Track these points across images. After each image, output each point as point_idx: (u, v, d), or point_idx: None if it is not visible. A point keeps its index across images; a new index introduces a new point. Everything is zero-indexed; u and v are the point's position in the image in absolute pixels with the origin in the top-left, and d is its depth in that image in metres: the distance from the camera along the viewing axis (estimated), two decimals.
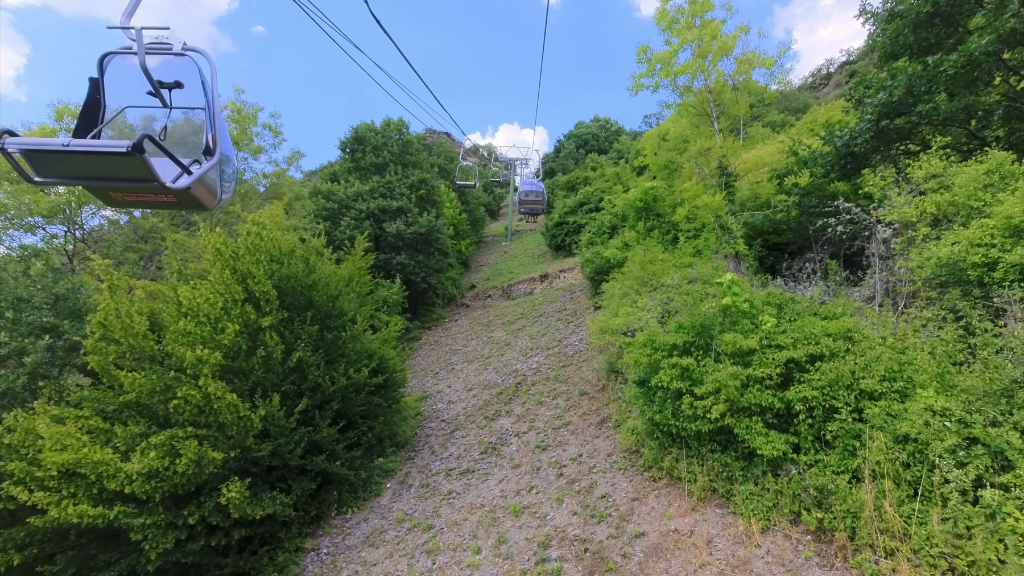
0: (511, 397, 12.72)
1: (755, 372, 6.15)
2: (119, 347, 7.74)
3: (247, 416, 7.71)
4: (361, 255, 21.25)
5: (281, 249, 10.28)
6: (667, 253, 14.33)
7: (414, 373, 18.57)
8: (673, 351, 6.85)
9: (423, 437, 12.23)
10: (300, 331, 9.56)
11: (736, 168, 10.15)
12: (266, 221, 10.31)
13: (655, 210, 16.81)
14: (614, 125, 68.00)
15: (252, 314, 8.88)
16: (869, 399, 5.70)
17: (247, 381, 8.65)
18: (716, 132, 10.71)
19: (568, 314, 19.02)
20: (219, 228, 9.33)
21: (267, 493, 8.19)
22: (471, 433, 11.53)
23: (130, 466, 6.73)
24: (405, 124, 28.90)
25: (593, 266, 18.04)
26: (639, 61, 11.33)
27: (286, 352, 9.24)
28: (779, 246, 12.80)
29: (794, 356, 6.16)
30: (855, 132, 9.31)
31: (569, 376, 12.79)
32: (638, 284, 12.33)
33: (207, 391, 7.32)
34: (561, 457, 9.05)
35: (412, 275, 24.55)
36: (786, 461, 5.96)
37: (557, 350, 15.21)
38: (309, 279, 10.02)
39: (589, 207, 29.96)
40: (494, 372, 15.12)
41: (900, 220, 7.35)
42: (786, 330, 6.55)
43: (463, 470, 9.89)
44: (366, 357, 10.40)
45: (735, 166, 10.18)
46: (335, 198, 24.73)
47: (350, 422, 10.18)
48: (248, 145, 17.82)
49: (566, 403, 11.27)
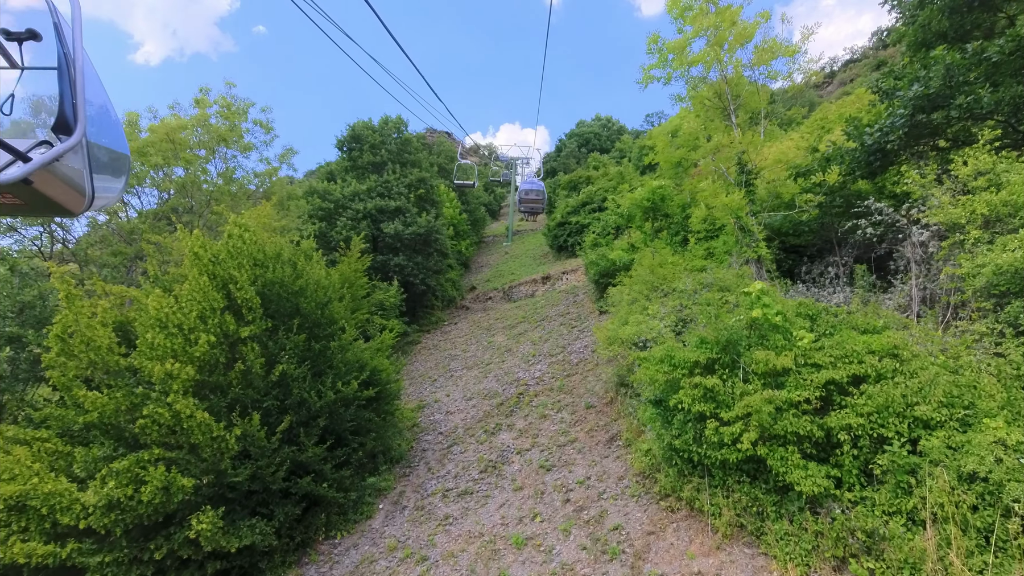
0: (512, 409, 12.00)
1: (791, 395, 5.42)
2: (80, 362, 7.02)
3: (221, 437, 6.99)
4: (357, 257, 20.64)
5: (266, 252, 9.57)
6: (677, 256, 13.60)
7: (411, 380, 17.87)
8: (695, 369, 6.12)
9: (419, 452, 11.52)
10: (285, 341, 8.84)
11: (757, 165, 9.42)
12: (250, 223, 9.60)
13: (663, 210, 16.07)
14: (616, 124, 67.27)
15: (231, 324, 8.16)
16: (925, 428, 4.97)
17: (224, 397, 7.93)
18: (734, 126, 9.98)
19: (572, 318, 18.29)
20: (198, 230, 8.61)
21: (246, 521, 7.47)
22: (470, 448, 10.81)
23: (87, 497, 6.01)
24: (404, 122, 28.16)
25: (598, 268, 17.32)
26: (649, 51, 10.62)
27: (268, 365, 8.52)
28: (797, 248, 12.06)
29: (834, 377, 5.43)
30: (885, 127, 8.58)
31: (574, 386, 12.06)
32: (647, 289, 11.61)
33: (176, 410, 6.60)
34: (567, 479, 8.33)
35: (410, 277, 23.83)
36: (827, 498, 5.23)
37: (561, 357, 14.49)
38: (296, 285, 9.30)
39: (592, 207, 29.23)
40: (495, 380, 14.40)
41: (946, 222, 6.62)
42: (823, 346, 5.82)
43: (461, 491, 9.16)
44: (356, 368, 9.68)
45: (755, 162, 9.44)
46: (331, 198, 24.03)
47: (339, 439, 9.45)
48: (238, 142, 17.09)
49: (572, 417, 10.54)
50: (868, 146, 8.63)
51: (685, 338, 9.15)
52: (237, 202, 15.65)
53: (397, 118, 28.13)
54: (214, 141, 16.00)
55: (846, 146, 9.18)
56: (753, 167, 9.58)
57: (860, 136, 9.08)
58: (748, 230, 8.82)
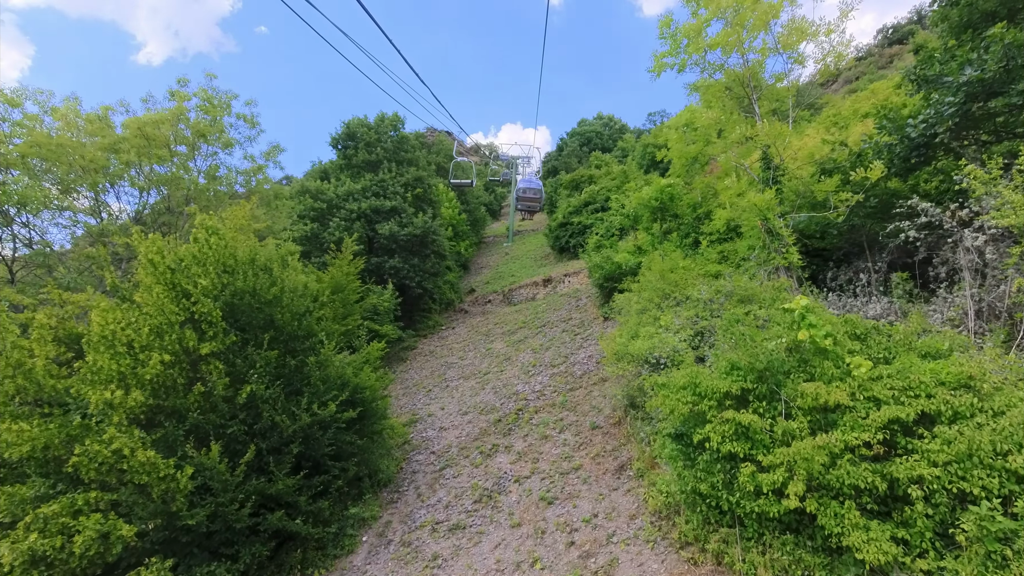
0: (511, 427, 11.03)
1: (847, 437, 4.45)
2: (5, 388, 6.08)
3: (171, 476, 6.03)
4: (349, 259, 19.67)
5: (237, 258, 8.63)
6: (688, 259, 12.63)
7: (405, 389, 16.93)
8: (725, 400, 5.15)
9: (409, 474, 10.56)
10: (255, 357, 7.89)
11: (785, 160, 8.43)
12: (228, 223, 8.65)
13: (672, 210, 15.10)
14: (618, 123, 66.32)
15: (191, 340, 7.21)
16: (1020, 484, 4.00)
17: (182, 424, 6.97)
18: (757, 117, 9.00)
19: (575, 325, 17.32)
20: (154, 234, 7.66)
21: (203, 568, 6.52)
22: (464, 472, 9.84)
23: (2, 551, 5.07)
24: (400, 119, 27.20)
25: (602, 272, 16.35)
26: (661, 36, 9.62)
27: (235, 385, 7.56)
28: (820, 252, 11.04)
29: (899, 415, 4.46)
30: (931, 118, 7.59)
31: (578, 402, 11.09)
32: (658, 297, 10.63)
33: (114, 446, 5.65)
34: (571, 516, 7.36)
35: (406, 280, 22.89)
36: (893, 566, 4.26)
37: (563, 368, 13.52)
38: (269, 294, 8.35)
39: (595, 207, 28.25)
40: (492, 393, 13.44)
41: (1018, 225, 5.63)
42: (882, 375, 4.85)
43: (452, 525, 8.20)
44: (337, 386, 8.72)
45: (784, 157, 8.45)
46: (324, 197, 23.10)
47: (317, 466, 8.50)
48: (219, 138, 16.10)
49: (576, 439, 9.57)
50: (913, 139, 7.65)
51: (702, 351, 8.19)
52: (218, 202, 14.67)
53: (394, 115, 27.17)
54: (194, 137, 15.04)
55: (885, 140, 8.18)
56: (780, 162, 8.58)
57: (900, 129, 8.09)
58: (776, 233, 7.83)
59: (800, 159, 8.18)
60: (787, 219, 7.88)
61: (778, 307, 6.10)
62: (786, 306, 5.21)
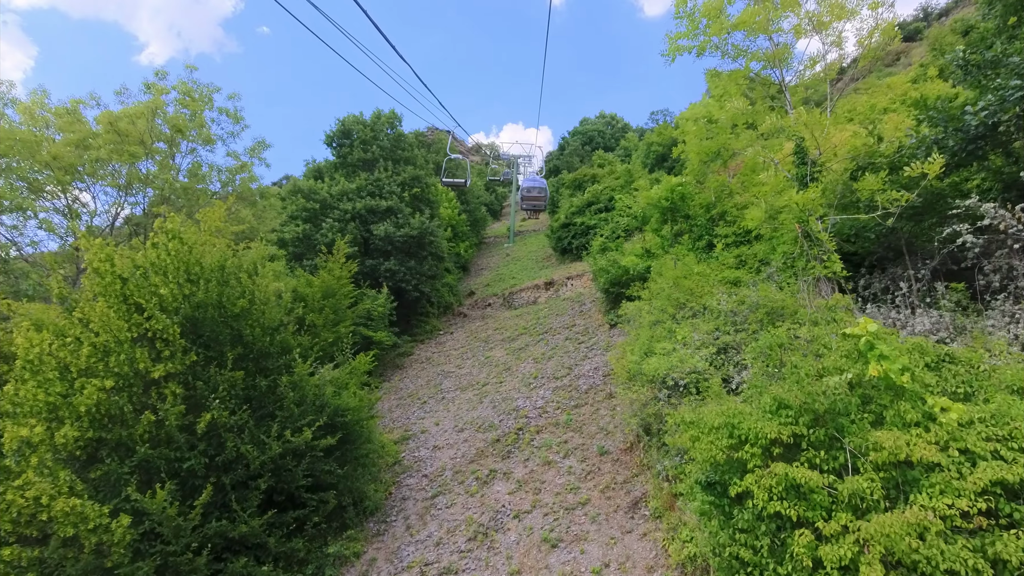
0: (510, 448, 10.06)
1: (938, 504, 3.47)
2: None
3: (103, 526, 5.09)
4: (342, 262, 18.73)
5: (203, 266, 7.68)
6: (703, 264, 11.64)
7: (399, 399, 15.99)
8: (772, 448, 4.18)
9: (398, 500, 9.60)
10: (218, 379, 6.93)
11: (824, 153, 7.43)
12: (180, 228, 7.71)
13: (683, 211, 14.11)
14: (620, 121, 65.27)
15: (143, 360, 6.27)
16: None
17: (129, 459, 6.03)
18: (788, 107, 8.02)
19: (578, 332, 16.35)
20: (99, 240, 6.71)
21: None
22: (458, 501, 8.88)
23: None
24: (397, 116, 26.21)
25: (608, 277, 15.36)
26: (677, 16, 8.62)
27: (194, 411, 6.62)
28: (851, 257, 10.03)
29: (1004, 477, 3.48)
30: (993, 105, 6.59)
31: (584, 422, 10.12)
32: (672, 307, 9.66)
33: (31, 493, 4.71)
34: (579, 565, 6.38)
35: (402, 283, 21.95)
36: None
37: (567, 381, 12.55)
38: (237, 306, 7.39)
39: (598, 207, 27.26)
40: (490, 408, 12.48)
41: None
42: (973, 420, 3.87)
43: (443, 568, 7.23)
44: (314, 409, 7.76)
45: (821, 151, 7.45)
46: (317, 197, 22.18)
47: (291, 499, 7.55)
48: (200, 133, 15.13)
49: (582, 466, 8.60)
50: (971, 130, 6.66)
51: (726, 370, 7.21)
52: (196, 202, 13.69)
53: (391, 112, 26.18)
54: (173, 132, 14.10)
55: (934, 134, 7.20)
56: (818, 156, 7.58)
57: (953, 120, 7.10)
58: (815, 237, 6.84)
59: (842, 154, 7.19)
60: (825, 221, 6.89)
61: (832, 329, 5.11)
62: (848, 331, 4.24)
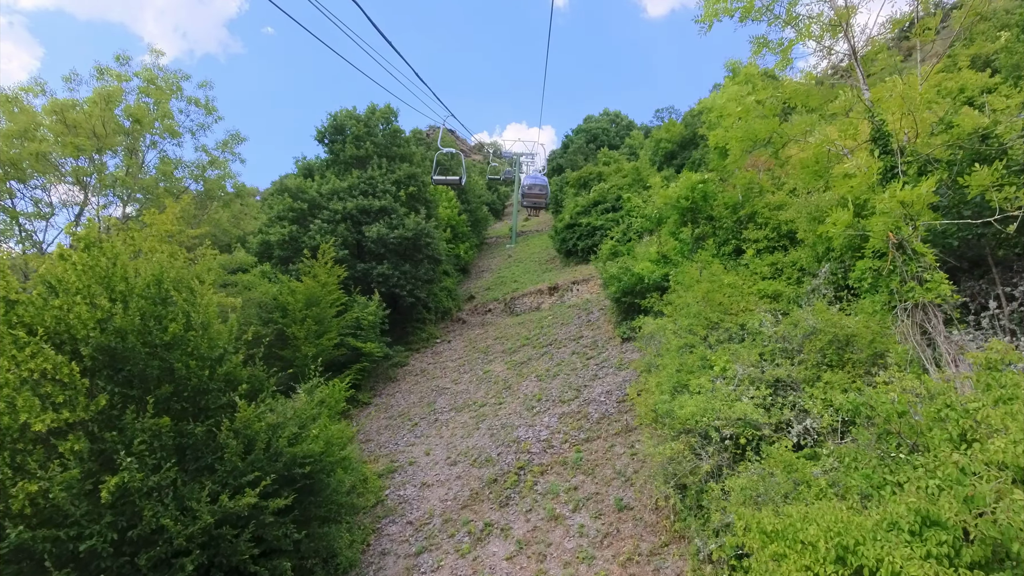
0: (509, 493, 8.55)
1: None
2: None
3: None
4: (328, 267, 17.28)
5: (129, 282, 6.20)
6: (731, 273, 10.09)
7: (388, 420, 14.50)
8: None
9: (377, 555, 8.11)
10: (135, 428, 5.44)
11: (919, 136, 5.83)
12: (98, 236, 6.22)
13: (706, 212, 12.56)
14: (625, 119, 63.51)
15: (27, 410, 4.79)
16: None
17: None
18: (862, 83, 6.45)
19: (586, 346, 14.82)
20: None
21: None
22: (446, 563, 7.37)
23: None
24: (393, 111, 24.74)
25: (620, 285, 13.81)
26: None
27: (101, 472, 5.14)
28: None
29: None
30: None
31: (596, 462, 8.59)
32: (703, 327, 8.12)
33: None
34: None
35: (396, 288, 20.48)
36: None
37: (575, 407, 11.01)
38: (167, 334, 5.90)
39: (605, 206, 25.68)
40: (488, 436, 10.97)
41: None
42: None
43: None
44: (265, 459, 6.25)
45: (918, 133, 5.82)
46: (305, 196, 20.74)
47: (236, 572, 6.06)
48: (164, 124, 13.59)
49: (597, 524, 7.07)
50: None
51: (781, 414, 5.68)
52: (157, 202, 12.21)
53: (386, 107, 24.70)
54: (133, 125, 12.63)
55: None
56: (911, 142, 5.96)
57: None
58: (913, 251, 5.24)
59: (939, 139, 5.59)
60: (919, 228, 5.31)
61: (991, 395, 3.55)
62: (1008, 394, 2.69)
